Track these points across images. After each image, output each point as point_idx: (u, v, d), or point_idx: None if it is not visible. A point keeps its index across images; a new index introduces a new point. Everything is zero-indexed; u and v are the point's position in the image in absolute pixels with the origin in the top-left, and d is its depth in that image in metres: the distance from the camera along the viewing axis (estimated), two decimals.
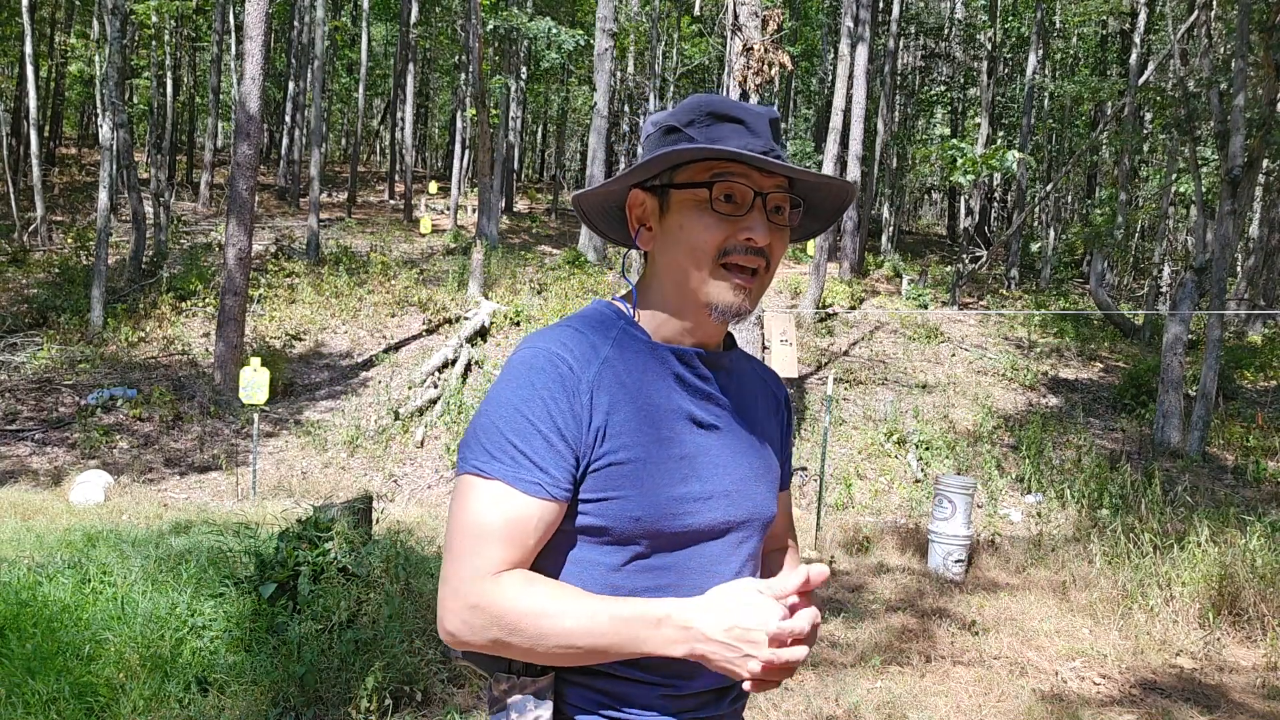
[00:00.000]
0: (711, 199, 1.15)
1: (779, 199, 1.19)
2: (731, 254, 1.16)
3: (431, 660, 4.00)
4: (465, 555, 1.09)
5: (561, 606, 1.06)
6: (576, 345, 1.15)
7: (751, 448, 1.26)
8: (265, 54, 11.94)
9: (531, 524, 1.10)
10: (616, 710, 1.15)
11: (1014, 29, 23.48)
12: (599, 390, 1.13)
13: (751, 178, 1.16)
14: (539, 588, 1.08)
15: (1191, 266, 11.54)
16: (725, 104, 1.19)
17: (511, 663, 1.14)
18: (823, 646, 5.04)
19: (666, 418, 1.16)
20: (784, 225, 1.20)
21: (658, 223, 1.21)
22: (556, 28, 18.96)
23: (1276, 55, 10.62)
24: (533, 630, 1.06)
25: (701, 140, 1.16)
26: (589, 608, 1.06)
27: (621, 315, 1.22)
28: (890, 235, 23.77)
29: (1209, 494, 9.44)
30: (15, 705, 3.33)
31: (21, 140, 24.75)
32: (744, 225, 1.16)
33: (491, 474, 1.10)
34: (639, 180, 1.21)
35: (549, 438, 1.10)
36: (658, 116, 1.24)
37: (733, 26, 8.56)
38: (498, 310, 14.38)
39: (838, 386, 12.32)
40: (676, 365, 1.20)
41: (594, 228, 1.33)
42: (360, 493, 8.46)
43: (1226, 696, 4.57)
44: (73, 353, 12.85)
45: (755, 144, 1.16)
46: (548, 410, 1.10)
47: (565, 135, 39.85)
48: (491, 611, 1.07)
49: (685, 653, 1.05)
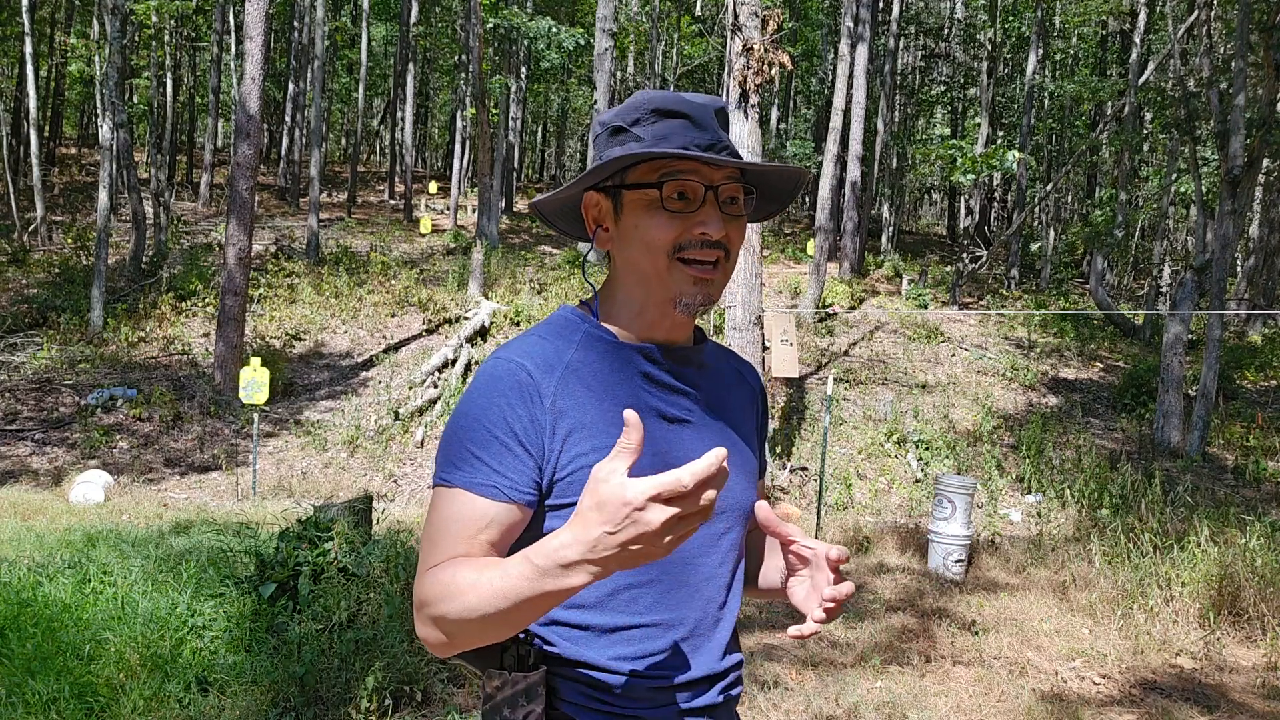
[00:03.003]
0: (663, 198, 1.16)
1: (731, 189, 1.19)
2: (687, 249, 1.17)
3: (431, 660, 3.99)
4: (421, 560, 1.13)
5: (477, 576, 1.04)
6: (539, 353, 1.17)
7: (726, 440, 1.26)
8: (265, 54, 11.94)
9: (484, 524, 1.11)
10: (608, 702, 1.16)
11: (1014, 29, 23.46)
12: (562, 395, 1.14)
13: (701, 172, 1.17)
14: (461, 567, 1.07)
15: (1191, 266, 11.54)
16: (670, 99, 1.20)
17: (503, 659, 1.15)
18: (823, 646, 5.04)
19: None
20: (739, 214, 1.21)
21: (613, 223, 1.23)
22: (556, 27, 18.95)
23: (1276, 55, 10.62)
24: (452, 609, 1.05)
25: (648, 138, 1.18)
26: (502, 569, 1.02)
27: (586, 319, 1.24)
28: (890, 235, 23.77)
29: (1209, 494, 9.44)
30: (15, 705, 3.33)
31: (21, 140, 24.76)
32: (697, 220, 1.17)
33: (453, 482, 1.13)
34: (591, 184, 1.23)
35: (506, 443, 1.12)
36: (605, 116, 1.25)
37: (733, 26, 8.56)
38: (498, 310, 14.39)
39: (838, 386, 12.32)
40: (643, 363, 1.21)
41: (554, 226, 1.35)
42: (360, 493, 8.46)
43: (1226, 696, 4.57)
44: (73, 353, 12.85)
45: (702, 138, 1.18)
46: (504, 418, 1.12)
47: (565, 135, 39.87)
48: (427, 597, 1.08)
49: (590, 572, 0.96)
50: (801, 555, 1.18)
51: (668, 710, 1.18)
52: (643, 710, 1.17)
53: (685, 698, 1.19)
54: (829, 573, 1.13)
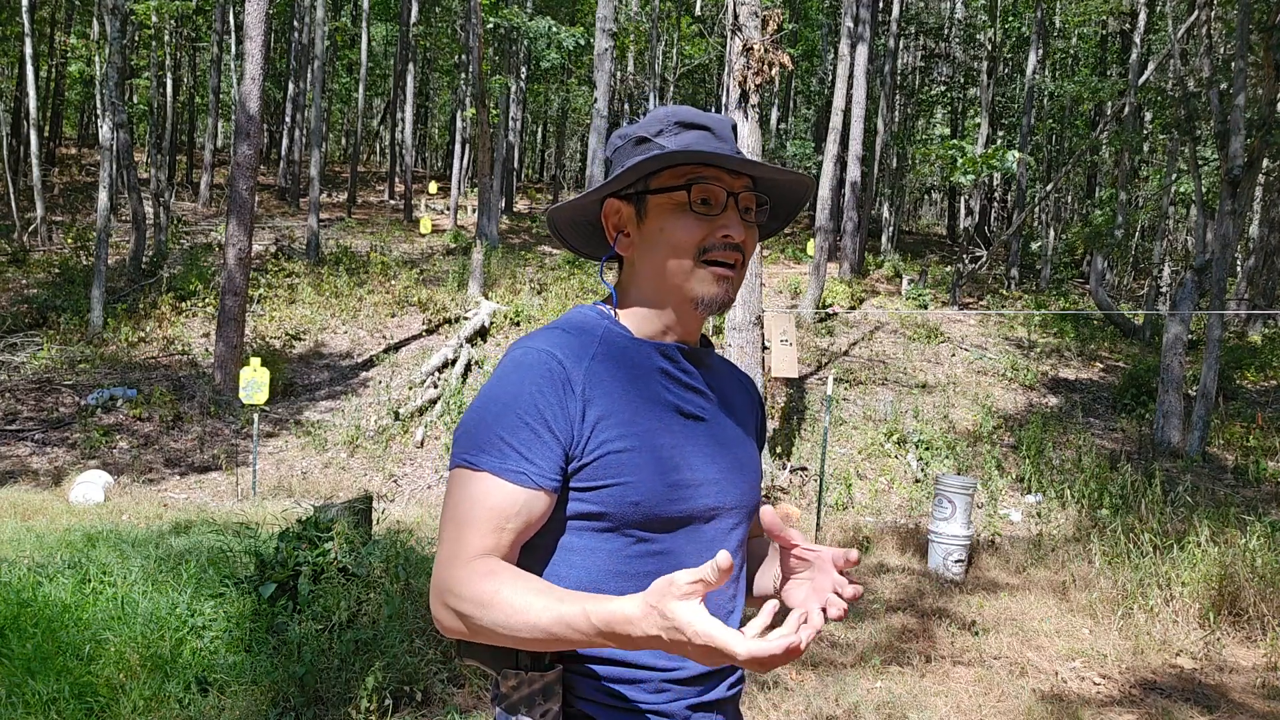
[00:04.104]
0: (690, 201, 1.22)
1: (747, 199, 1.26)
2: (712, 250, 1.23)
3: (431, 660, 4.00)
4: (447, 542, 1.14)
5: (520, 601, 1.06)
6: (566, 344, 1.21)
7: (735, 439, 1.32)
8: (265, 54, 11.94)
9: (513, 511, 1.13)
10: (623, 697, 1.18)
11: (1014, 29, 23.46)
12: (590, 385, 1.18)
13: (724, 180, 1.23)
14: (506, 583, 1.08)
15: (1191, 266, 11.54)
16: (691, 113, 1.27)
17: (518, 658, 1.17)
18: (823, 646, 5.04)
19: (654, 409, 1.22)
20: (754, 223, 1.28)
21: (635, 229, 1.27)
22: (556, 27, 18.96)
23: (1277, 55, 10.62)
24: (487, 619, 1.08)
25: (674, 146, 1.24)
26: (554, 611, 1.04)
27: (605, 316, 1.28)
28: (890, 235, 23.77)
29: (1209, 494, 9.44)
30: (15, 705, 3.33)
31: (21, 140, 24.75)
32: (721, 223, 1.23)
33: (480, 466, 1.14)
34: (616, 190, 1.27)
35: (536, 430, 1.14)
36: (626, 129, 1.32)
37: (733, 26, 8.56)
38: (498, 310, 14.39)
39: (838, 386, 12.32)
40: (661, 360, 1.26)
41: (565, 242, 1.39)
42: (360, 493, 8.47)
43: (1226, 696, 4.57)
44: (73, 353, 12.85)
45: (723, 148, 1.25)
46: (535, 405, 1.15)
47: (565, 135, 39.86)
48: (458, 592, 1.11)
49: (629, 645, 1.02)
50: (804, 558, 1.20)
51: (679, 705, 1.20)
52: (656, 704, 1.19)
53: (696, 692, 1.21)
54: (834, 575, 1.16)
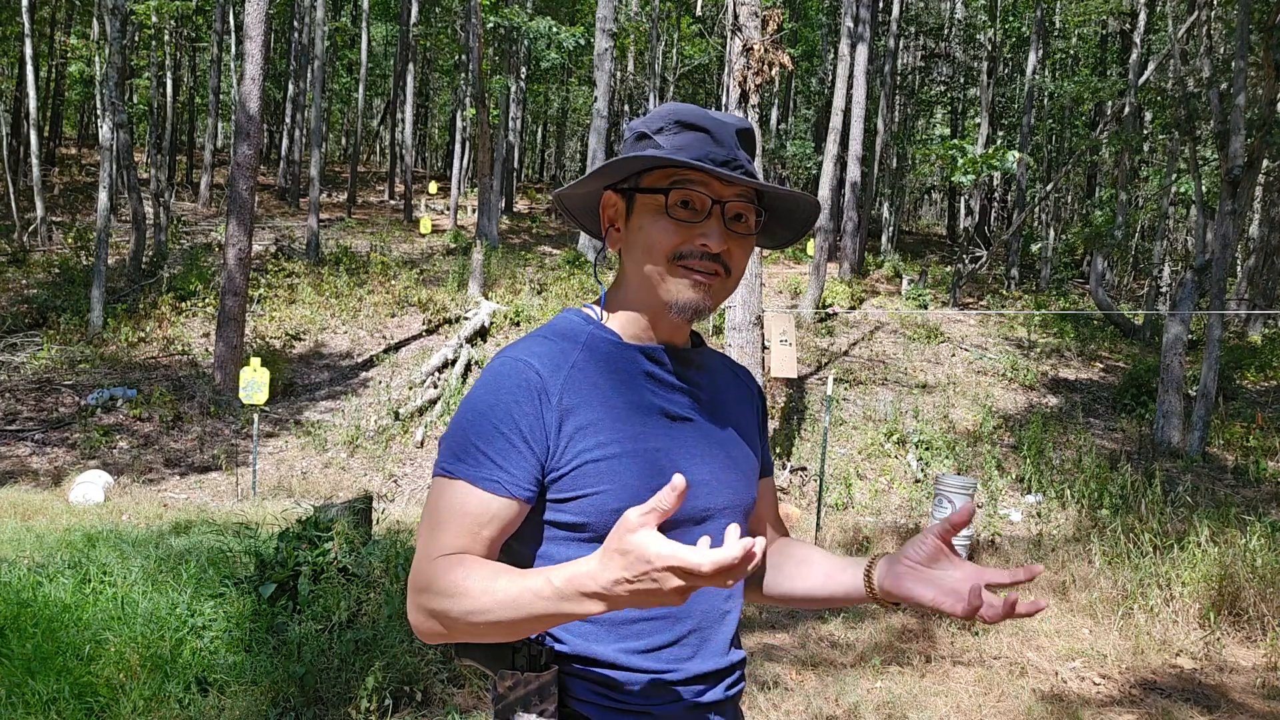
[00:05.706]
0: (668, 205, 1.20)
1: (740, 207, 1.22)
2: (687, 258, 1.20)
3: (431, 660, 4.00)
4: (421, 546, 1.16)
5: (486, 584, 1.07)
6: (546, 353, 1.20)
7: (727, 438, 1.31)
8: (265, 54, 11.94)
9: (486, 518, 1.14)
10: (619, 698, 1.18)
11: (1014, 29, 23.47)
12: (569, 393, 1.17)
13: (711, 186, 1.20)
14: (473, 570, 1.10)
15: (1191, 266, 11.54)
16: (694, 113, 1.23)
17: (515, 659, 1.17)
18: (823, 647, 5.04)
19: (639, 414, 1.21)
20: (745, 233, 1.23)
21: (624, 224, 1.27)
22: (556, 27, 18.96)
23: (1276, 55, 10.62)
24: (457, 609, 1.08)
25: (667, 147, 1.21)
26: (519, 583, 1.05)
27: (590, 320, 1.27)
28: (890, 235, 23.77)
29: (1209, 494, 9.44)
30: (15, 705, 3.33)
31: (21, 140, 24.75)
32: (699, 232, 1.19)
33: (456, 474, 1.15)
34: (606, 182, 1.27)
35: (510, 439, 1.14)
36: (635, 123, 1.29)
37: (733, 26, 8.56)
38: (498, 310, 14.39)
39: (838, 386, 12.32)
40: (645, 363, 1.25)
41: (577, 222, 1.38)
42: (360, 493, 8.47)
43: (1226, 696, 4.57)
44: (73, 353, 12.85)
45: (718, 153, 1.20)
46: (511, 415, 1.15)
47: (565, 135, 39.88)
48: (428, 588, 1.11)
49: (602, 605, 1.00)
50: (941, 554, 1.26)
51: (676, 706, 1.20)
52: (653, 706, 1.19)
53: (693, 692, 1.21)
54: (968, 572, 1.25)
